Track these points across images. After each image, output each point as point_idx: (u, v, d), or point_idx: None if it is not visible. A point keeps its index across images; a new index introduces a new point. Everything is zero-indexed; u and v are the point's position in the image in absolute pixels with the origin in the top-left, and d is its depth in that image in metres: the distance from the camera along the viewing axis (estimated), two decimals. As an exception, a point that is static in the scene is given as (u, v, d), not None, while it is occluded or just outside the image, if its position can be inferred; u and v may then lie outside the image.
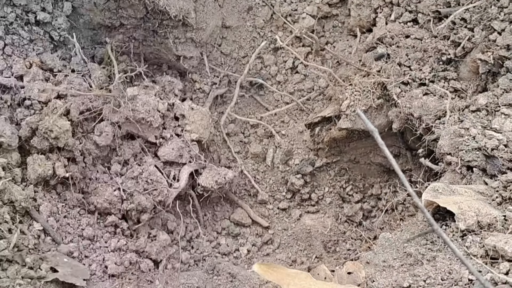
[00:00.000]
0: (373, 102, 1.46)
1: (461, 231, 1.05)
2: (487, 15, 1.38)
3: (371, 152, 1.64)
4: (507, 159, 1.14)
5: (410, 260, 1.09)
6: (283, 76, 1.73)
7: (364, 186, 1.68)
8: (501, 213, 1.05)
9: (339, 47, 1.71)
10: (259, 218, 1.61)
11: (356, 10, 1.66)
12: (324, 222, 1.63)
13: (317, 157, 1.67)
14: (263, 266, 1.08)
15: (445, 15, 1.47)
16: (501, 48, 1.32)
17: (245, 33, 1.74)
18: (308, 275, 1.08)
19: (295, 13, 1.73)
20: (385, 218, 1.53)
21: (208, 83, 1.69)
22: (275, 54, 1.74)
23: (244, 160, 1.68)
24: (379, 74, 1.47)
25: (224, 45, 1.72)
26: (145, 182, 1.38)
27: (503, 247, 0.96)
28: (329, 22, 1.76)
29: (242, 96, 1.73)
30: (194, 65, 1.66)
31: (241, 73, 1.71)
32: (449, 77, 1.41)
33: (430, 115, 1.34)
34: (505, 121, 1.21)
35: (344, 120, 1.50)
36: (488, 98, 1.29)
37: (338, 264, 1.34)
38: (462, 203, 1.08)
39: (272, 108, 1.73)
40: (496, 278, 0.93)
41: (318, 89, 1.70)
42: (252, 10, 1.73)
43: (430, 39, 1.48)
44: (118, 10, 1.50)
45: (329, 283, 1.09)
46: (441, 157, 1.27)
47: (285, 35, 1.73)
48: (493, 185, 1.12)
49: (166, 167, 1.46)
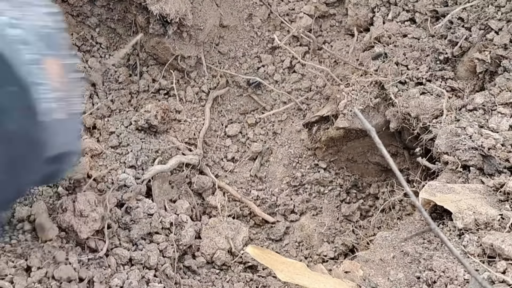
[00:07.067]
0: (370, 101, 1.46)
1: (458, 229, 1.05)
2: (484, 15, 1.39)
3: (368, 151, 1.64)
4: (504, 158, 1.15)
5: (407, 259, 1.09)
6: (281, 76, 1.73)
7: (362, 185, 1.68)
8: (498, 212, 1.05)
9: (337, 47, 1.71)
10: (265, 214, 1.61)
11: (353, 9, 1.66)
12: (321, 221, 1.63)
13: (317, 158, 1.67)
14: (257, 250, 1.08)
15: (443, 14, 1.48)
16: (498, 47, 1.33)
17: (242, 33, 1.74)
18: (303, 265, 1.08)
19: (293, 13, 1.73)
20: (383, 217, 1.53)
21: (206, 82, 1.70)
22: (273, 53, 1.74)
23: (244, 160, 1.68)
24: (377, 73, 1.47)
25: (221, 45, 1.72)
26: None
27: (500, 245, 0.96)
28: (326, 22, 1.76)
29: (240, 95, 1.74)
30: (192, 64, 1.66)
31: (238, 72, 1.71)
32: (446, 76, 1.41)
33: (427, 114, 1.35)
34: (502, 120, 1.22)
35: (341, 119, 1.50)
36: (485, 97, 1.29)
37: (336, 263, 1.34)
38: (459, 202, 1.08)
39: (270, 108, 1.73)
40: (493, 277, 0.93)
41: (316, 88, 1.70)
42: (249, 10, 1.73)
43: (427, 38, 1.48)
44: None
45: (323, 274, 1.09)
46: (438, 156, 1.27)
47: (283, 34, 1.73)
48: (490, 184, 1.12)
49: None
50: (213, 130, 1.68)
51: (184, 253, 1.33)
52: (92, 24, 1.60)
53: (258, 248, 1.12)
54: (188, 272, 1.31)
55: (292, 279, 1.02)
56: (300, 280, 1.01)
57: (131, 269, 1.10)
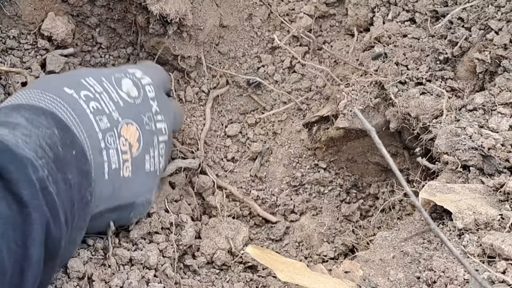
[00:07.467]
0: (370, 101, 1.46)
1: (458, 229, 1.05)
2: (484, 15, 1.39)
3: (368, 152, 1.64)
4: (504, 158, 1.15)
5: (407, 259, 1.09)
6: (281, 76, 1.73)
7: (362, 185, 1.68)
8: (498, 212, 1.06)
9: (337, 47, 1.71)
10: (267, 214, 1.61)
11: (353, 9, 1.66)
12: (321, 221, 1.63)
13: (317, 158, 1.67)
14: (257, 250, 1.08)
15: (442, 15, 1.48)
16: (498, 47, 1.33)
17: (242, 33, 1.74)
18: (303, 265, 1.08)
19: (293, 13, 1.73)
20: (383, 217, 1.53)
21: (206, 82, 1.70)
22: (273, 53, 1.74)
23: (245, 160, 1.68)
24: (377, 73, 1.47)
25: (221, 45, 1.72)
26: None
27: (500, 245, 0.96)
28: (326, 22, 1.76)
29: (240, 95, 1.74)
30: (192, 64, 1.66)
31: (238, 72, 1.71)
32: (446, 76, 1.41)
33: (427, 114, 1.35)
34: (502, 120, 1.22)
35: (341, 119, 1.50)
36: (485, 97, 1.30)
37: (336, 263, 1.34)
38: (459, 202, 1.08)
39: (270, 108, 1.73)
40: (493, 277, 0.93)
41: (316, 88, 1.70)
42: (249, 10, 1.73)
43: (427, 38, 1.48)
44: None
45: (323, 274, 1.09)
46: (438, 156, 1.27)
47: (283, 34, 1.73)
48: (489, 184, 1.13)
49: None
50: (213, 130, 1.68)
51: (184, 253, 1.33)
52: (92, 24, 1.60)
53: (258, 248, 1.12)
54: (188, 272, 1.31)
55: (292, 279, 1.02)
56: (300, 280, 1.01)
57: (131, 269, 1.10)
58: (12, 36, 1.43)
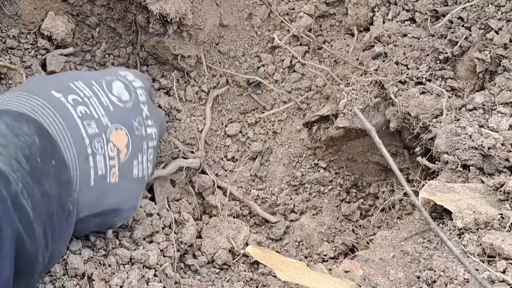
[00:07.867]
0: (370, 101, 1.46)
1: (458, 229, 1.05)
2: (484, 14, 1.39)
3: (368, 151, 1.64)
4: (504, 157, 1.15)
5: (407, 258, 1.09)
6: (281, 75, 1.73)
7: (362, 185, 1.68)
8: (498, 211, 1.06)
9: (337, 46, 1.71)
10: (266, 214, 1.61)
11: (353, 9, 1.66)
12: (321, 220, 1.63)
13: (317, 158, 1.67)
14: (257, 250, 1.08)
15: (442, 14, 1.48)
16: (498, 47, 1.33)
17: (242, 32, 1.74)
18: (303, 264, 1.08)
19: (293, 12, 1.73)
20: (383, 216, 1.53)
21: (206, 82, 1.70)
22: (273, 53, 1.74)
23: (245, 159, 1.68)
24: (377, 73, 1.47)
25: (221, 44, 1.72)
26: None
27: (500, 245, 0.96)
28: (326, 21, 1.76)
29: (240, 95, 1.74)
30: (192, 64, 1.66)
31: (238, 71, 1.71)
32: (446, 75, 1.41)
33: (427, 114, 1.35)
34: (502, 120, 1.22)
35: (341, 119, 1.50)
36: (485, 97, 1.30)
37: (336, 263, 1.35)
38: (459, 201, 1.08)
39: (270, 107, 1.73)
40: (493, 276, 0.93)
41: (316, 88, 1.71)
42: (249, 9, 1.73)
43: (427, 38, 1.48)
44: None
45: (323, 274, 1.09)
46: (438, 155, 1.27)
47: (283, 34, 1.73)
48: (489, 183, 1.13)
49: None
50: (213, 130, 1.69)
51: (185, 253, 1.33)
52: (92, 24, 1.60)
53: (258, 247, 1.12)
54: (188, 271, 1.31)
55: (292, 278, 1.02)
56: (300, 279, 1.01)
57: (131, 268, 1.10)
58: (12, 36, 1.43)
